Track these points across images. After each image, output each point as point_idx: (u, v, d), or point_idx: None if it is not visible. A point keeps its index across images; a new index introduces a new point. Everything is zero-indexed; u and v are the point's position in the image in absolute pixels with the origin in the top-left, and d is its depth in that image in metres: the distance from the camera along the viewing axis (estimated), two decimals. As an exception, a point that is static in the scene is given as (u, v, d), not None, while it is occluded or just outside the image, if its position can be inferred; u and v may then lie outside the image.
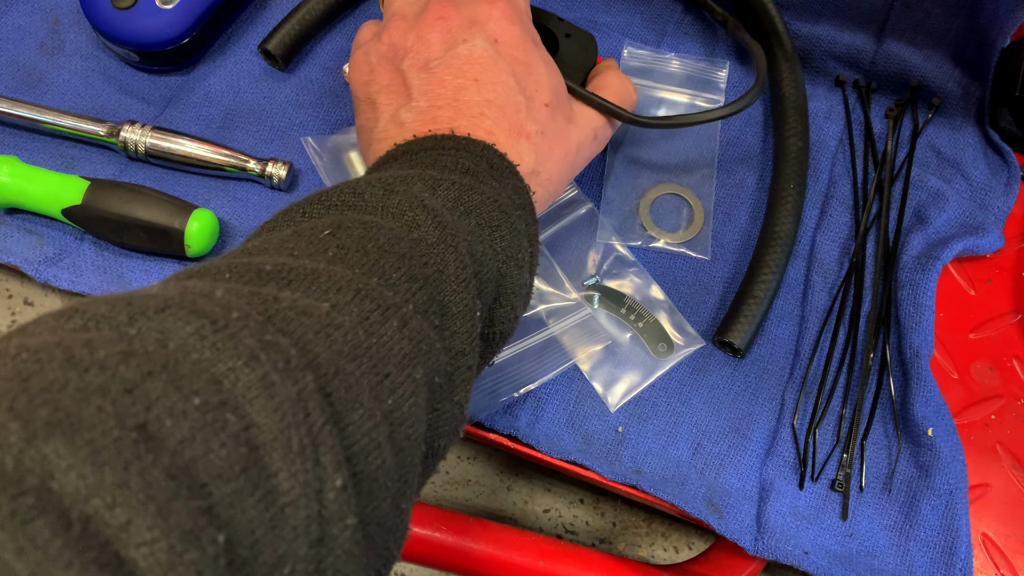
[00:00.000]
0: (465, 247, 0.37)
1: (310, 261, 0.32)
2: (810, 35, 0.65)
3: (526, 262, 0.41)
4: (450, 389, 0.35)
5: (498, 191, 0.41)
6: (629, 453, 0.53)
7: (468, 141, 0.42)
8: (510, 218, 0.40)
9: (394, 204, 0.37)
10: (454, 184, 0.39)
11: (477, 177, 0.41)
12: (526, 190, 0.43)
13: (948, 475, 0.53)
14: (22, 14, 0.62)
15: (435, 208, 0.37)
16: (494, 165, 0.42)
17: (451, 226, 0.37)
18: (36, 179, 0.54)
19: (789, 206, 0.58)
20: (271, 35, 0.61)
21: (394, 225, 0.36)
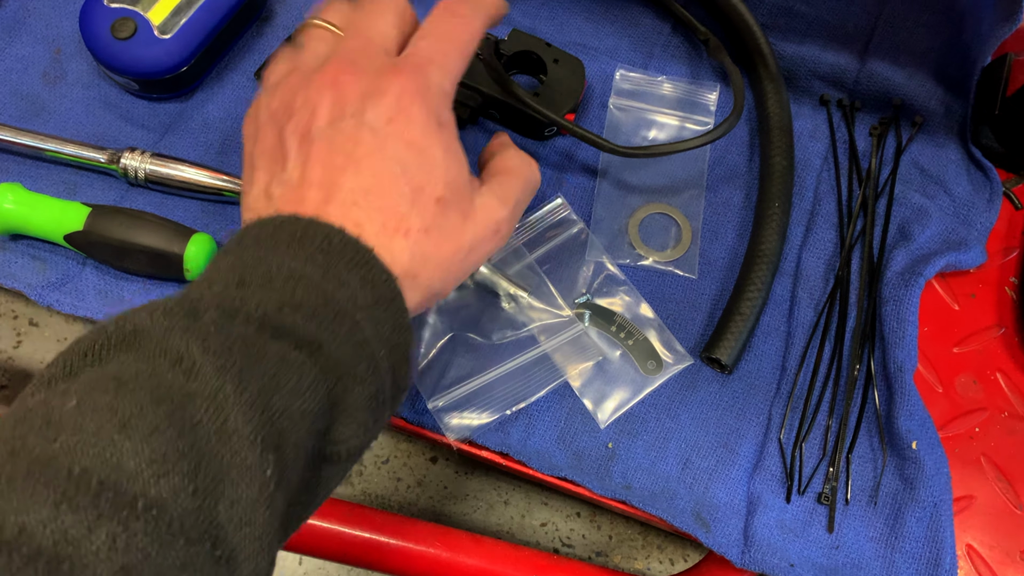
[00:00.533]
0: (257, 387, 0.33)
1: (22, 463, 0.28)
2: (795, 55, 0.66)
3: (376, 370, 0.38)
4: (227, 572, 0.31)
5: (332, 294, 0.37)
6: (619, 469, 0.55)
7: (310, 228, 0.38)
8: (343, 325, 0.37)
9: (173, 345, 0.33)
10: (260, 305, 0.35)
11: (303, 283, 0.37)
12: (384, 281, 0.39)
13: (933, 487, 0.54)
14: (25, 45, 0.64)
15: (221, 346, 0.33)
16: (333, 257, 0.38)
17: (239, 367, 0.33)
18: (39, 206, 0.56)
19: (774, 224, 0.59)
20: (267, 62, 0.62)
21: (165, 376, 0.32)
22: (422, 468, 0.84)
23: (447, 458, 0.85)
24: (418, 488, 0.84)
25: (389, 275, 0.39)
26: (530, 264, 0.58)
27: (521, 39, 0.62)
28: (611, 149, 0.56)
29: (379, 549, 0.55)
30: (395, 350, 0.39)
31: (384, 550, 0.55)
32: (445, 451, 0.85)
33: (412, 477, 0.84)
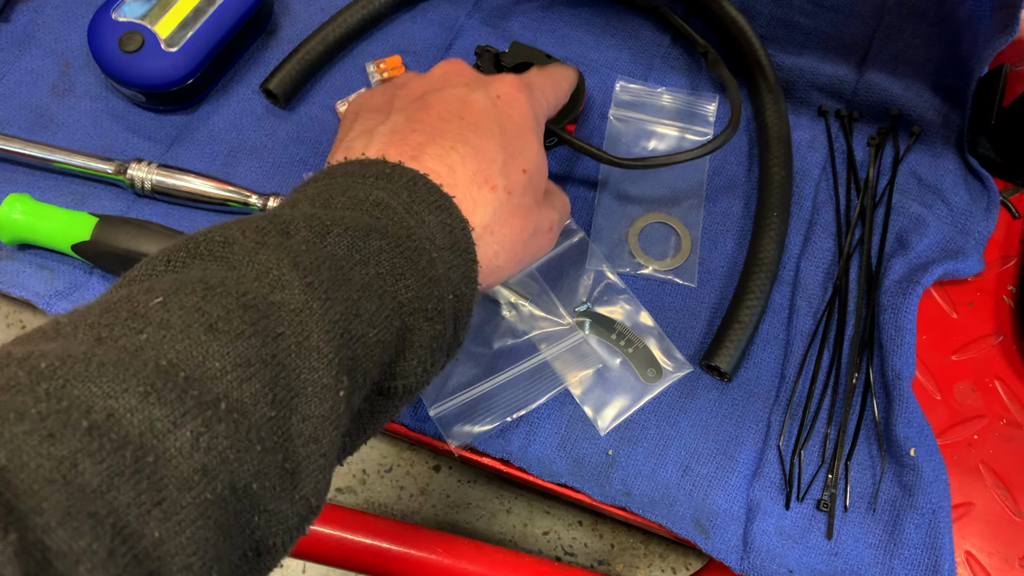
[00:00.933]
0: (340, 310, 0.34)
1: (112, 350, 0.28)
2: (793, 67, 0.67)
3: (442, 312, 0.38)
4: (292, 485, 0.31)
5: (412, 229, 0.38)
6: (619, 475, 0.55)
7: (396, 169, 0.40)
8: (420, 263, 0.38)
9: (261, 260, 0.33)
10: (348, 227, 0.36)
11: (387, 213, 0.38)
12: (461, 228, 0.40)
13: (931, 494, 0.55)
14: (35, 58, 0.65)
15: (310, 264, 0.34)
16: (416, 197, 0.40)
17: (326, 287, 0.34)
18: (47, 216, 0.57)
19: (773, 233, 0.60)
20: (272, 75, 0.63)
21: (251, 287, 0.32)
22: (425, 477, 0.85)
23: (450, 467, 0.86)
24: (421, 497, 0.84)
25: (466, 224, 0.41)
26: (531, 273, 0.59)
27: (521, 51, 0.63)
28: (609, 161, 0.57)
29: (382, 555, 0.56)
30: (460, 299, 0.40)
31: (387, 556, 0.56)
32: (448, 460, 0.86)
33: (415, 486, 0.84)
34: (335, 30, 0.65)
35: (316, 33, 0.64)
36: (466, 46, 0.67)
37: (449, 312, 0.39)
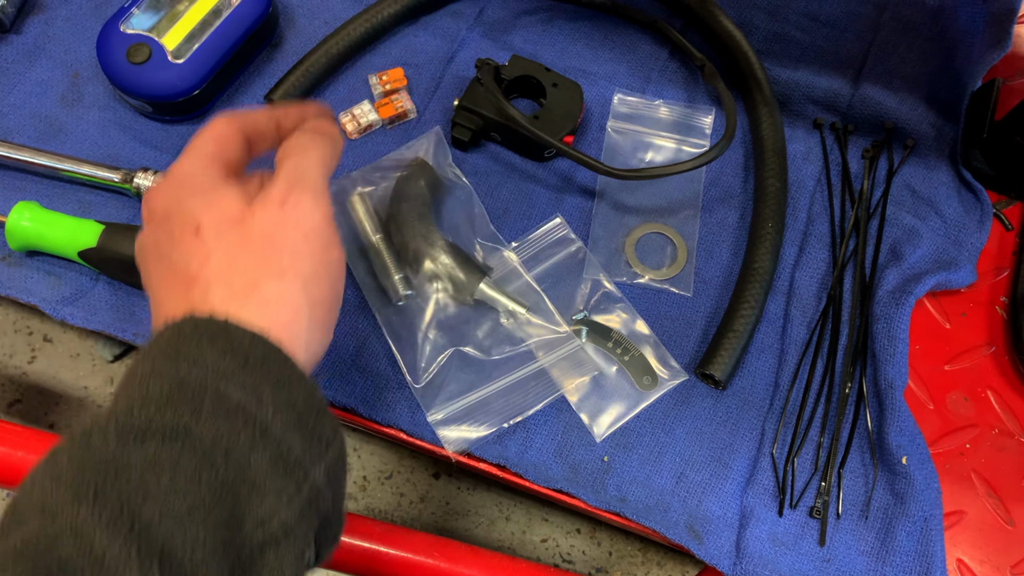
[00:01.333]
0: (118, 503, 0.32)
1: None
2: (789, 80, 0.68)
3: (269, 430, 0.35)
4: None
5: (187, 374, 0.36)
6: (614, 482, 0.56)
7: (163, 331, 0.38)
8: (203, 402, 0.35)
9: (36, 499, 0.32)
10: (122, 412, 0.35)
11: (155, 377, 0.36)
12: (244, 341, 0.37)
13: (923, 502, 0.55)
14: (45, 69, 0.66)
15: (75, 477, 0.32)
16: (182, 344, 0.37)
17: (96, 488, 0.32)
18: (54, 223, 0.58)
19: (767, 244, 0.61)
20: (276, 86, 0.64)
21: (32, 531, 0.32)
22: (425, 484, 0.86)
23: (450, 474, 0.86)
24: (420, 504, 0.85)
25: (254, 336, 0.37)
26: (528, 282, 0.60)
27: (521, 64, 0.64)
28: (606, 171, 0.58)
29: (378, 559, 0.56)
30: (291, 406, 0.36)
31: (383, 560, 0.56)
32: (448, 467, 0.87)
33: (415, 492, 0.85)
34: (338, 43, 0.66)
35: (320, 46, 0.66)
36: (467, 59, 0.68)
37: (282, 427, 0.36)
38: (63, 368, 0.84)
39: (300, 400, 0.37)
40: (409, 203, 0.59)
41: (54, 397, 0.83)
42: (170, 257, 0.40)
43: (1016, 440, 0.59)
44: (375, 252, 0.59)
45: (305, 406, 0.37)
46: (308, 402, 0.37)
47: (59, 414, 0.82)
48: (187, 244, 0.40)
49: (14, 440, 0.55)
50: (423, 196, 0.59)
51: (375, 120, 0.65)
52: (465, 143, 0.64)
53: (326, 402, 0.39)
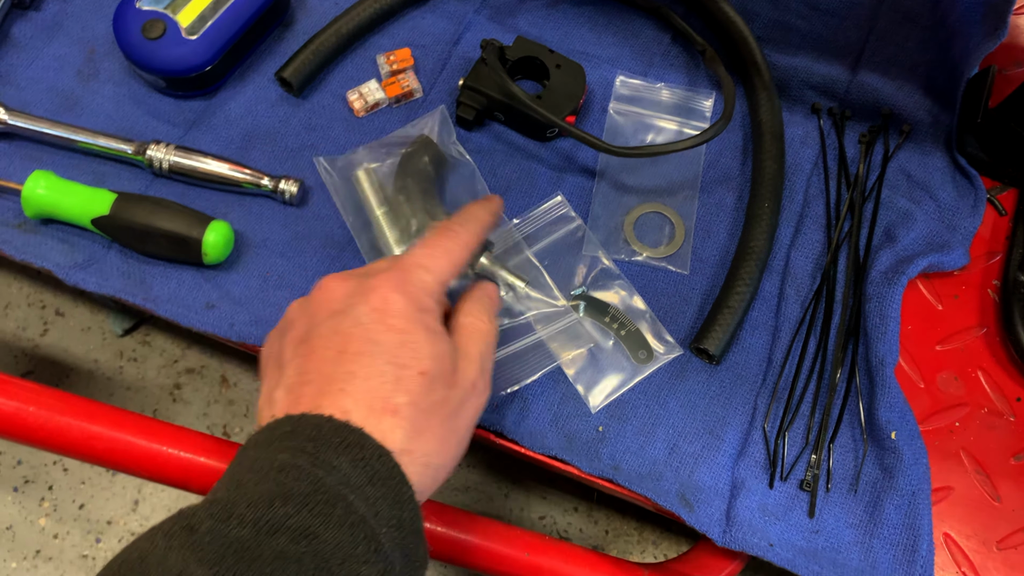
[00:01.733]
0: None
1: None
2: (788, 66, 0.69)
3: (379, 550, 0.38)
4: None
5: (322, 480, 0.38)
6: (608, 451, 0.57)
7: (300, 422, 0.40)
8: (335, 512, 0.37)
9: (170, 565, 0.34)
10: (252, 504, 0.36)
11: (294, 473, 0.38)
12: (374, 456, 0.40)
13: (911, 477, 0.56)
14: (62, 45, 0.68)
15: (215, 555, 0.35)
16: (321, 445, 0.39)
17: (233, 572, 0.34)
18: (69, 192, 0.59)
19: (764, 224, 0.62)
20: (287, 64, 0.66)
21: None
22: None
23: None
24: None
25: (383, 451, 0.40)
26: (528, 257, 0.61)
27: (525, 45, 0.66)
28: (606, 149, 0.59)
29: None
30: (399, 527, 0.39)
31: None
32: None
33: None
34: (348, 23, 0.68)
35: (330, 25, 0.67)
36: (473, 41, 0.70)
37: (390, 545, 0.38)
38: (74, 341, 0.86)
39: (407, 522, 0.40)
40: (413, 178, 0.60)
41: (65, 369, 0.85)
42: (355, 364, 0.42)
43: (1005, 419, 0.60)
44: (378, 225, 0.60)
45: (410, 528, 0.40)
46: (412, 524, 0.40)
47: (69, 385, 0.84)
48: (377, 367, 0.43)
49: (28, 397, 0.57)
50: (427, 172, 0.61)
51: (382, 99, 0.66)
52: (469, 122, 0.65)
53: (423, 524, 0.42)
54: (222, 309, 0.59)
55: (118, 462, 0.55)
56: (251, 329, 0.59)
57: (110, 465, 0.56)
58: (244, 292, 0.60)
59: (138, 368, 0.85)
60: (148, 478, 0.56)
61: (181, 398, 0.85)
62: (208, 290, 0.60)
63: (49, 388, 0.56)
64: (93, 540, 0.81)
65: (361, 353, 0.43)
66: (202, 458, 0.55)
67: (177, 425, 0.57)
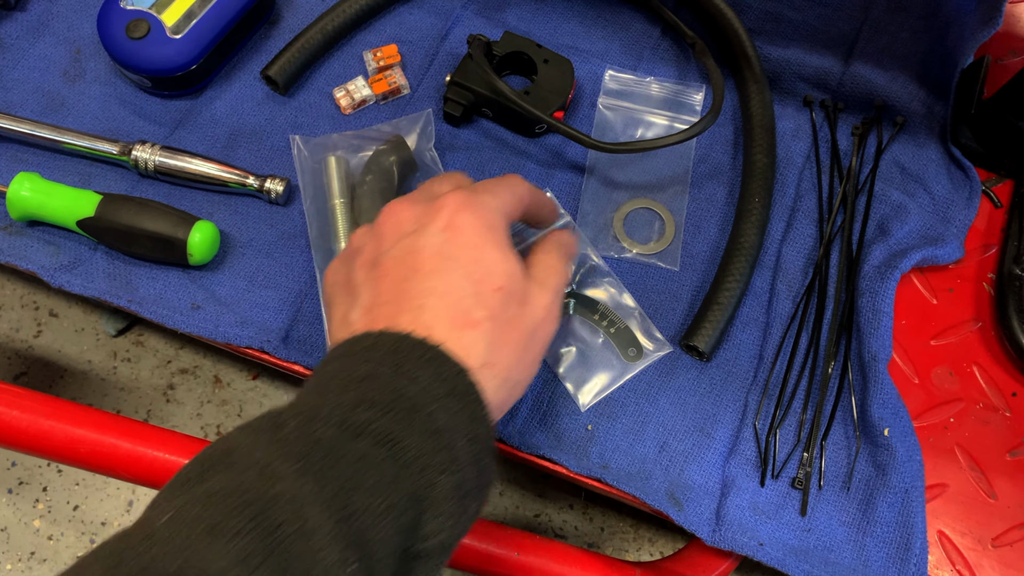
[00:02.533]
0: (337, 486, 0.35)
1: (125, 569, 0.31)
2: (780, 58, 0.68)
3: (456, 460, 0.38)
4: None
5: (404, 389, 0.39)
6: (597, 450, 0.56)
7: (381, 337, 0.41)
8: (416, 420, 0.38)
9: (257, 458, 0.35)
10: (340, 405, 0.38)
11: (377, 383, 0.39)
12: (453, 372, 0.41)
13: (904, 474, 0.56)
14: (48, 45, 0.68)
15: (302, 451, 0.36)
16: (403, 357, 0.40)
17: (319, 467, 0.35)
18: (54, 194, 0.59)
19: (754, 219, 0.61)
20: (273, 62, 0.65)
21: (251, 485, 0.34)
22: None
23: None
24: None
25: (460, 369, 0.41)
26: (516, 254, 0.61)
27: (513, 40, 0.65)
28: (593, 145, 0.59)
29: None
30: (475, 441, 0.40)
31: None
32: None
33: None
34: (334, 20, 0.67)
35: (316, 23, 0.67)
36: (461, 36, 0.69)
37: (466, 457, 0.39)
38: (68, 342, 0.86)
39: (482, 438, 0.41)
40: (375, 176, 0.60)
41: (59, 370, 0.84)
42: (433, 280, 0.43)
43: (1000, 415, 0.60)
44: (332, 215, 0.60)
45: (484, 444, 0.41)
46: (486, 441, 0.41)
47: (63, 387, 0.83)
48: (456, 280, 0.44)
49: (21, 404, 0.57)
50: (390, 173, 0.60)
51: (368, 95, 0.66)
52: (457, 118, 0.65)
53: (495, 444, 0.42)
54: (208, 310, 0.59)
55: (102, 466, 0.55)
56: (237, 330, 0.58)
57: (94, 469, 0.56)
58: (230, 293, 0.60)
59: (132, 369, 0.85)
60: (134, 481, 0.56)
61: (175, 399, 0.85)
62: (194, 291, 0.60)
63: (33, 392, 0.56)
64: (88, 541, 0.81)
65: (437, 270, 0.44)
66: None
67: (163, 428, 0.57)
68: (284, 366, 0.58)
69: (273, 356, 0.58)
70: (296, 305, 0.59)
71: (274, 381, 0.87)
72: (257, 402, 0.85)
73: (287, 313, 0.59)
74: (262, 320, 0.59)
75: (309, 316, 0.59)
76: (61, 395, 0.82)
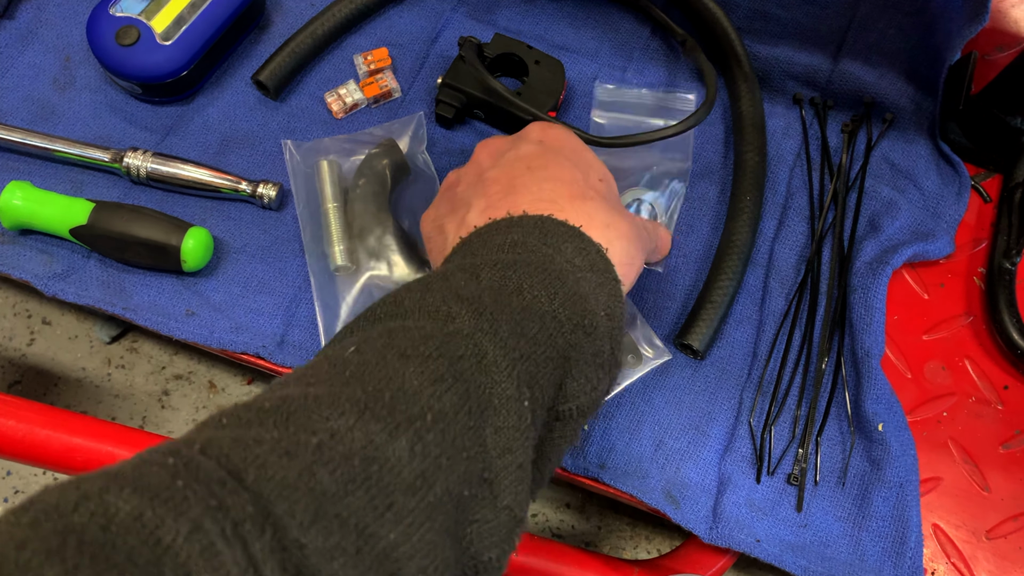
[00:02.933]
0: (508, 329, 0.36)
1: (323, 387, 0.32)
2: (769, 56, 0.69)
3: (597, 327, 0.40)
4: (492, 495, 0.33)
5: (552, 257, 0.41)
6: (594, 449, 0.57)
7: (520, 218, 0.43)
8: (567, 283, 0.40)
9: (429, 303, 0.37)
10: (496, 264, 0.39)
11: (526, 248, 0.41)
12: (593, 249, 0.42)
13: (899, 468, 0.56)
14: (38, 53, 0.68)
15: (472, 295, 0.37)
16: (548, 231, 0.42)
17: (490, 311, 0.37)
18: (46, 202, 0.59)
19: (746, 217, 0.62)
20: (263, 67, 0.65)
21: (427, 324, 0.36)
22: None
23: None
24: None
25: (599, 247, 0.43)
26: None
27: (503, 42, 0.65)
28: (589, 140, 0.59)
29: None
30: (612, 317, 0.41)
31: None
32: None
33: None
34: (324, 24, 0.67)
35: (306, 27, 0.67)
36: (452, 38, 0.69)
37: (603, 329, 0.40)
38: (61, 350, 0.85)
39: (618, 314, 0.42)
40: (368, 179, 0.60)
41: (53, 378, 0.84)
42: (544, 171, 0.46)
43: (992, 408, 0.60)
44: (326, 219, 0.60)
45: (618, 320, 0.42)
46: (620, 318, 0.42)
47: (57, 395, 0.83)
48: (566, 168, 0.47)
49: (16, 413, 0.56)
50: (383, 177, 0.60)
51: (360, 99, 0.66)
52: (449, 120, 0.65)
53: (624, 324, 0.44)
54: (202, 316, 0.59)
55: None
56: (231, 336, 0.58)
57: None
58: (224, 299, 0.60)
59: (126, 375, 0.85)
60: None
61: (170, 405, 0.85)
62: (188, 297, 0.60)
63: (28, 401, 0.56)
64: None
65: (544, 165, 0.47)
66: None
67: (160, 435, 0.57)
68: (280, 371, 0.58)
69: (268, 361, 0.58)
70: (291, 310, 0.60)
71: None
72: (252, 407, 0.85)
73: (282, 318, 0.59)
74: (257, 325, 0.59)
75: (304, 321, 0.59)
76: (55, 403, 0.82)
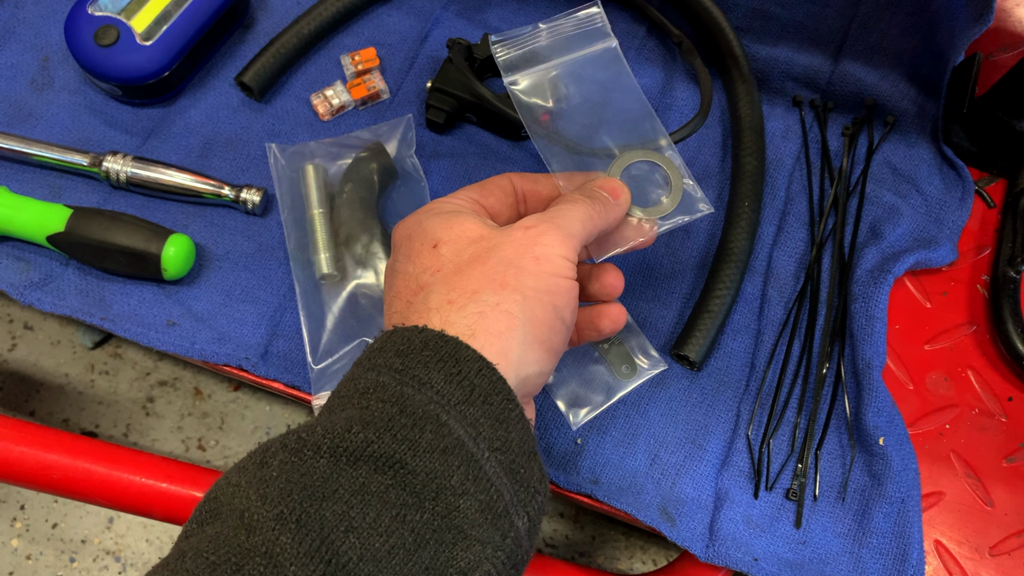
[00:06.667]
0: (317, 539, 0.30)
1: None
2: (768, 57, 0.67)
3: (474, 479, 0.33)
4: None
5: (410, 397, 0.35)
6: (587, 464, 0.55)
7: (392, 336, 0.38)
8: (424, 434, 0.33)
9: (237, 505, 0.32)
10: (328, 434, 0.33)
11: (377, 394, 0.35)
12: (479, 370, 0.36)
13: (900, 483, 0.55)
14: (15, 53, 0.66)
15: (283, 491, 0.32)
16: (412, 360, 0.36)
17: (299, 515, 0.31)
18: (22, 208, 0.57)
19: (743, 223, 0.60)
20: (247, 67, 0.64)
21: (228, 537, 0.31)
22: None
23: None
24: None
25: (483, 362, 0.35)
26: None
27: (494, 43, 0.63)
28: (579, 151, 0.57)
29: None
30: (506, 449, 0.35)
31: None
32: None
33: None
34: (310, 23, 0.65)
35: (291, 26, 0.65)
36: (441, 38, 0.68)
37: (494, 471, 0.34)
38: (44, 355, 0.83)
39: (515, 441, 0.35)
40: (355, 185, 0.58)
41: (35, 384, 0.82)
42: (405, 270, 0.42)
43: (996, 420, 0.59)
44: (311, 225, 0.58)
45: (519, 448, 0.35)
46: (521, 444, 0.35)
47: (39, 401, 0.81)
48: (423, 257, 0.41)
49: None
50: (370, 181, 0.59)
51: (347, 101, 0.64)
52: (440, 125, 0.63)
53: (536, 444, 0.37)
54: (184, 326, 0.57)
55: (77, 491, 0.53)
56: (214, 347, 0.56)
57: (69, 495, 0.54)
58: (206, 308, 0.58)
59: (110, 382, 0.83)
60: (111, 507, 0.54)
61: (154, 412, 0.83)
62: (169, 307, 0.58)
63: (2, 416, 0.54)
64: (67, 560, 0.79)
65: (391, 273, 0.43)
66: (164, 484, 0.53)
67: (139, 451, 0.55)
68: (263, 383, 0.57)
69: (252, 374, 0.56)
70: (275, 319, 0.58)
71: (255, 393, 0.85)
72: (239, 414, 0.83)
73: (266, 328, 0.57)
74: (240, 335, 0.57)
75: (288, 331, 0.57)
76: (37, 410, 0.80)
